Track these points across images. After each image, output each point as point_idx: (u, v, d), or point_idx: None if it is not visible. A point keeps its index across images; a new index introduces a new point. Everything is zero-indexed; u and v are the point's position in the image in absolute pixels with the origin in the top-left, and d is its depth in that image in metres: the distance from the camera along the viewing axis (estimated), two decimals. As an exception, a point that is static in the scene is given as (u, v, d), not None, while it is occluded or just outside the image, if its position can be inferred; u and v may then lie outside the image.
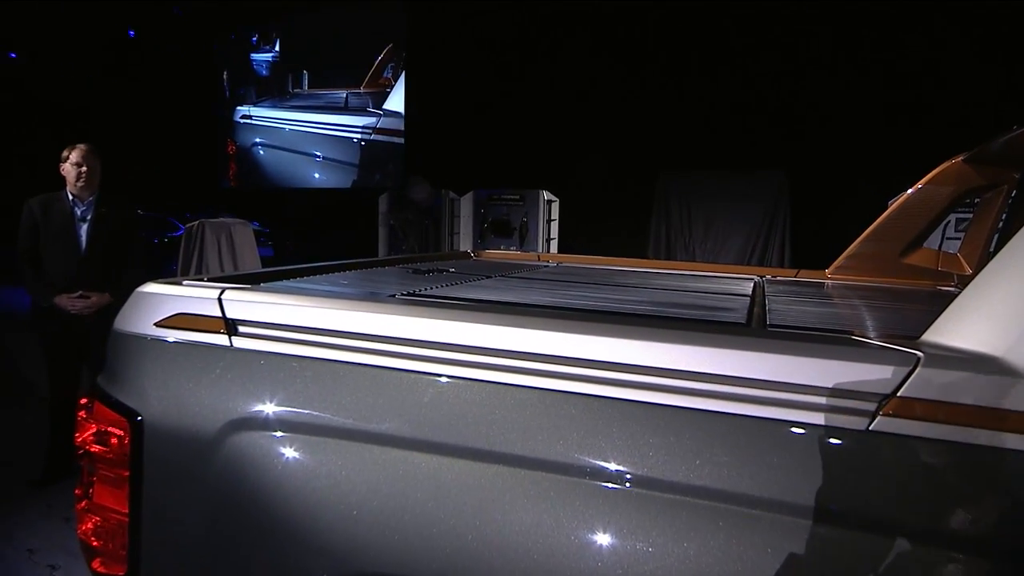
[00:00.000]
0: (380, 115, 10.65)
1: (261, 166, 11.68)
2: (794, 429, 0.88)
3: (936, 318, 0.97)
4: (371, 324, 1.10)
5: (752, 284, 2.19)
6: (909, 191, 2.40)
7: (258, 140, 11.73)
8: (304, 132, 11.20)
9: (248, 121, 11.90)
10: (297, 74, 11.38)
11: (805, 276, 2.57)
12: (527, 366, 1.01)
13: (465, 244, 8.17)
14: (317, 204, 11.09)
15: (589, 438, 0.94)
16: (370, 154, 10.75)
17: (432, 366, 1.06)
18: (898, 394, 0.85)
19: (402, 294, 1.53)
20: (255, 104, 11.84)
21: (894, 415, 0.85)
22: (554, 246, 8.11)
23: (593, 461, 0.94)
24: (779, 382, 0.89)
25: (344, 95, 10.85)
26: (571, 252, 7.89)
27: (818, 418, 0.87)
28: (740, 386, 0.91)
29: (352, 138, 10.86)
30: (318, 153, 11.05)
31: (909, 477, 0.84)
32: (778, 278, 2.53)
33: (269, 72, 11.73)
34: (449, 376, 1.05)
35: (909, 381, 0.85)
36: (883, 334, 1.34)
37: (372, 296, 1.50)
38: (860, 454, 0.86)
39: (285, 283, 1.63)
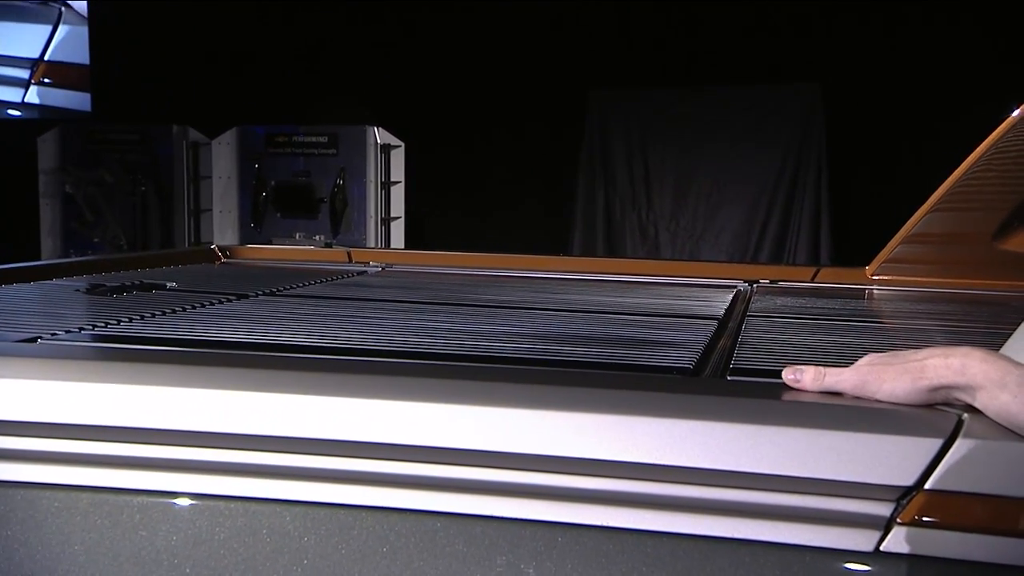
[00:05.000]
0: (62, 8, 8.87)
1: None
2: (745, 554, 0.94)
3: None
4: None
5: (732, 296, 2.31)
6: (1015, 113, 2.47)
7: None
8: None
9: None
10: None
11: (828, 279, 2.73)
12: (289, 464, 1.04)
13: (223, 231, 8.05)
14: None
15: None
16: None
17: (107, 475, 1.07)
18: (926, 486, 0.93)
19: (53, 336, 1.52)
20: None
21: (919, 523, 0.93)
22: (397, 231, 8.12)
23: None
24: (722, 472, 0.95)
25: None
26: (426, 243, 7.86)
27: (789, 534, 0.94)
28: (653, 479, 0.97)
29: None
30: None
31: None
32: (780, 283, 2.68)
33: None
34: (137, 492, 1.06)
35: (944, 463, 0.93)
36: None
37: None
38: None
39: None
